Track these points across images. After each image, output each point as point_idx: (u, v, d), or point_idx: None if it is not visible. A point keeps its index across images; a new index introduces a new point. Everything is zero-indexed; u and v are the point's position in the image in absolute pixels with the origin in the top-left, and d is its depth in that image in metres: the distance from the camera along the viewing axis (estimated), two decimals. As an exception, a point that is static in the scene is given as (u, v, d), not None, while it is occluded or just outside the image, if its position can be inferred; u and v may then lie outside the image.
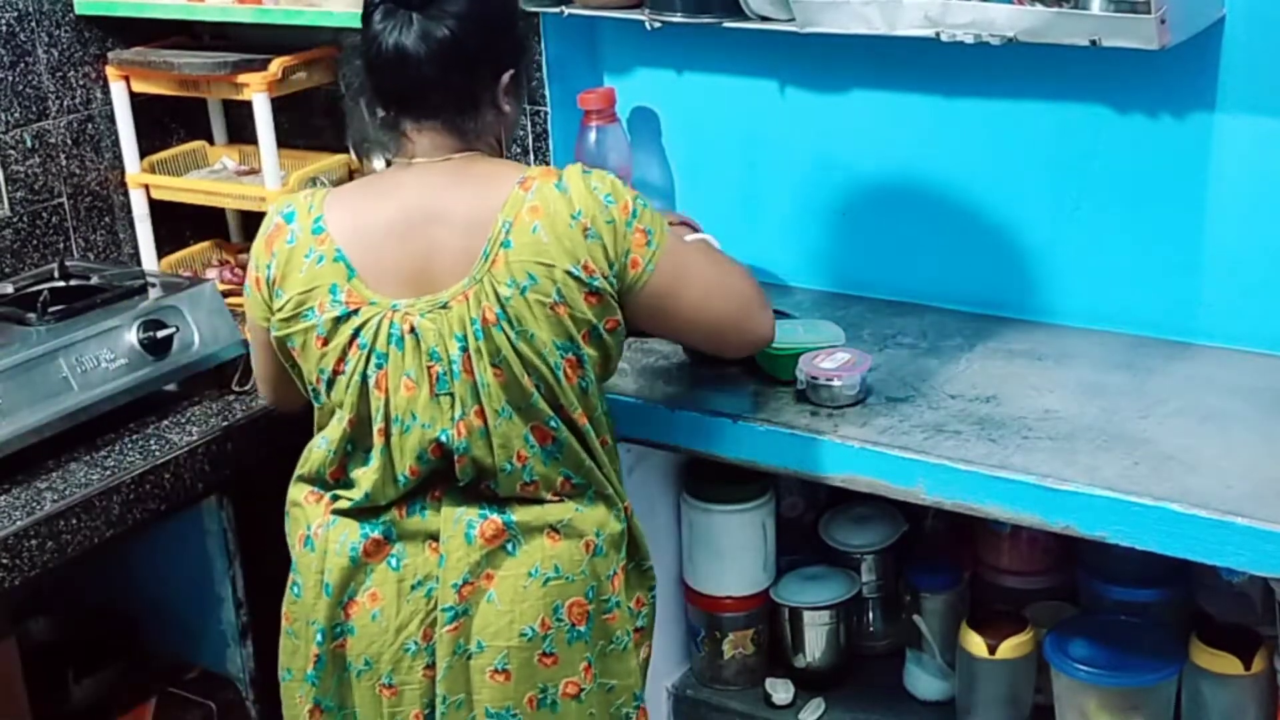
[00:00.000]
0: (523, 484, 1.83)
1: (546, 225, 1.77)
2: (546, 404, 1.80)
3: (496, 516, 1.83)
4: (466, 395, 1.78)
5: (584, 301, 1.79)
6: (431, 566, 1.84)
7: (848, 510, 2.43)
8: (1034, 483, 1.88)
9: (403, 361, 1.78)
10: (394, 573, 1.85)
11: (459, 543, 1.82)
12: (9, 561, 2.00)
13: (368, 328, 1.79)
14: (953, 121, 2.34)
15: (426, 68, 1.78)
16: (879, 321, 2.39)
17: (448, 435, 1.80)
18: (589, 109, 2.50)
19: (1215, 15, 2.08)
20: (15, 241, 2.70)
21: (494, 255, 1.77)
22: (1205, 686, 2.05)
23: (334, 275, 1.80)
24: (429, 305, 1.78)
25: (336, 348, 1.80)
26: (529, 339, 1.77)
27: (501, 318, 1.76)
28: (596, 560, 1.87)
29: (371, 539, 1.85)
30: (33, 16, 2.68)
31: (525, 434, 1.81)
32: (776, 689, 2.37)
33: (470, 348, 1.77)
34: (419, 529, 1.85)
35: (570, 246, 1.77)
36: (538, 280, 1.76)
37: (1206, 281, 2.22)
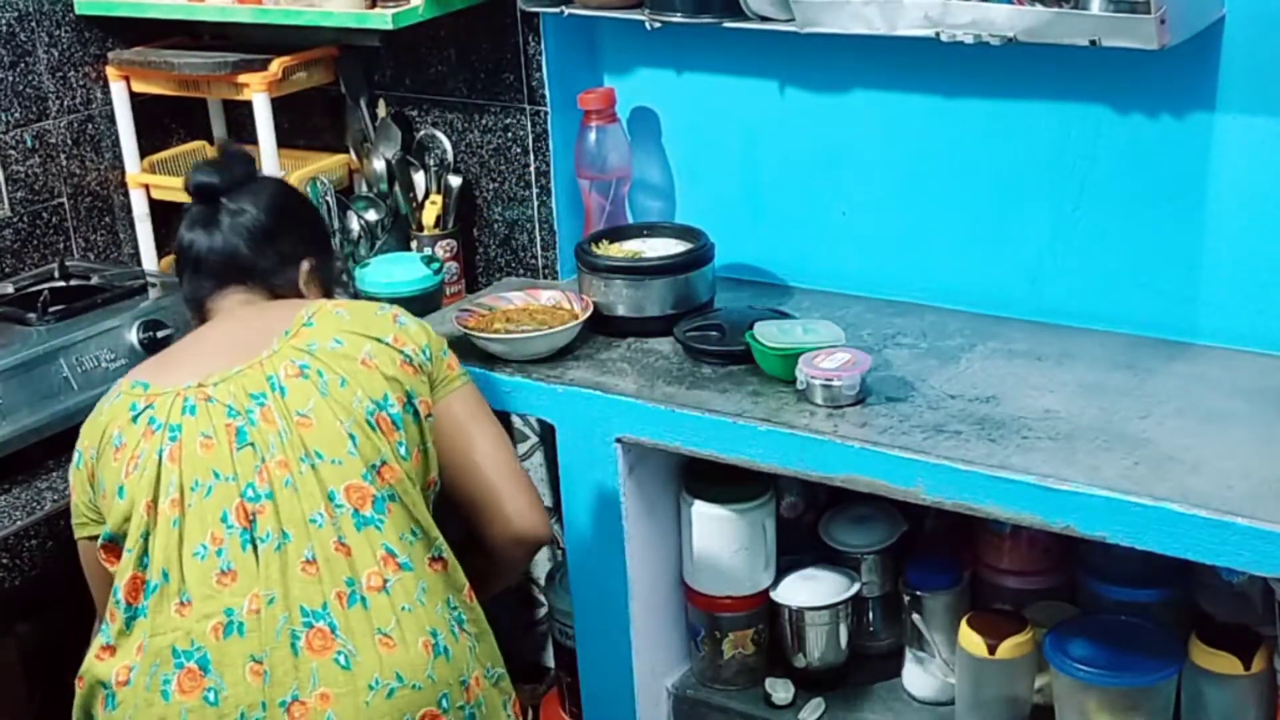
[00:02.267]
0: (335, 544, 1.71)
1: (351, 310, 1.87)
2: (361, 456, 1.75)
3: (323, 624, 1.68)
4: (268, 443, 1.74)
5: (399, 367, 1.83)
6: (255, 694, 1.66)
7: (848, 510, 2.43)
8: (1034, 483, 1.88)
9: (197, 424, 1.75)
10: (213, 707, 1.66)
11: (284, 654, 1.66)
12: (9, 561, 2.01)
13: (159, 409, 1.77)
14: (953, 121, 2.34)
15: (238, 246, 1.94)
16: (879, 321, 2.39)
17: (252, 488, 1.71)
18: (589, 109, 2.50)
19: (1215, 15, 2.07)
20: (15, 241, 2.70)
21: (295, 331, 1.82)
22: (1205, 686, 2.04)
23: (130, 397, 1.81)
24: (221, 376, 1.79)
25: (130, 445, 1.75)
26: (340, 383, 1.78)
27: (306, 367, 1.78)
28: (439, 662, 1.72)
29: (186, 670, 1.67)
30: (33, 16, 2.68)
31: (332, 490, 1.73)
32: (776, 689, 2.37)
33: (270, 401, 1.76)
34: (238, 652, 1.67)
35: (379, 325, 1.85)
36: (343, 343, 1.82)
37: (1206, 281, 2.21)
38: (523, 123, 2.64)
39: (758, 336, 2.21)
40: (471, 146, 2.72)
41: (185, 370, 1.82)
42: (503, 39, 2.61)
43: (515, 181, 2.69)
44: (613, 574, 2.29)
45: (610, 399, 2.20)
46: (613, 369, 2.29)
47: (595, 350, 2.36)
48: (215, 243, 1.94)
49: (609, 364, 2.31)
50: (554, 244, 2.68)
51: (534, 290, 2.46)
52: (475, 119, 2.70)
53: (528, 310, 2.41)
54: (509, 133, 2.67)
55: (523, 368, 2.29)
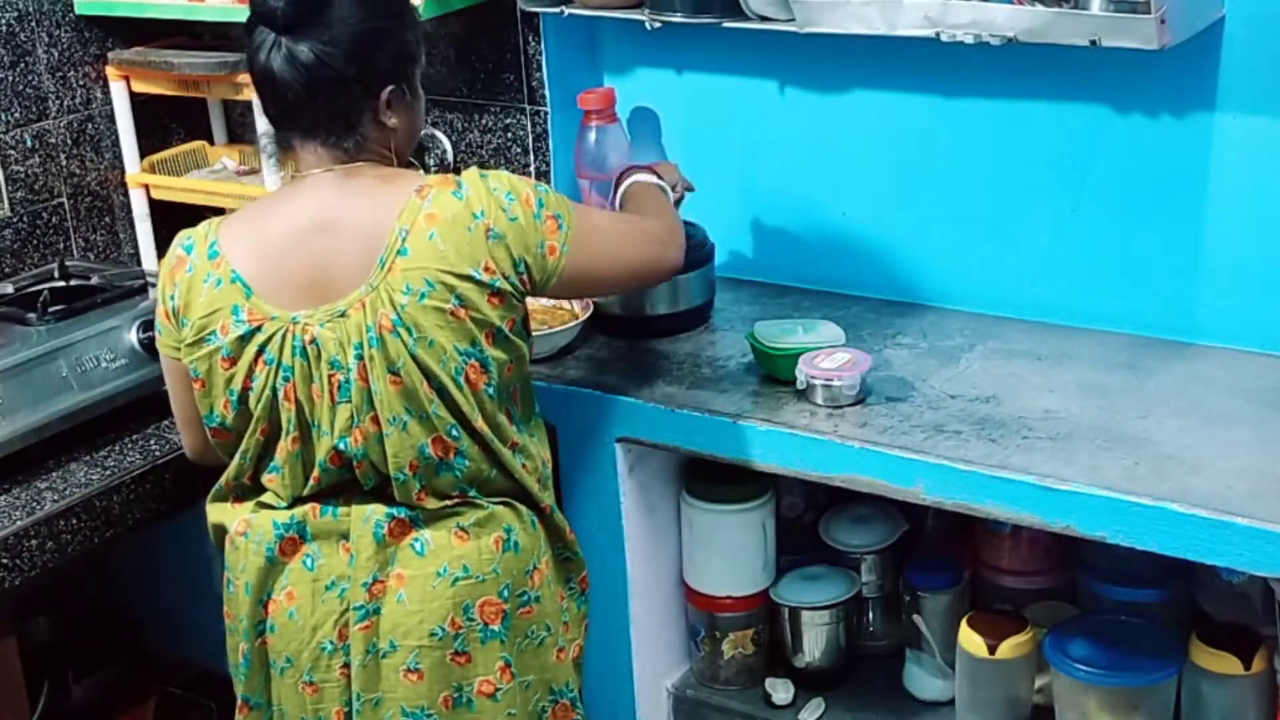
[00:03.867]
0: (417, 491, 1.83)
1: (444, 232, 1.77)
2: (448, 412, 1.80)
3: (404, 515, 1.83)
4: (362, 403, 1.78)
5: (486, 304, 1.79)
6: (343, 566, 1.84)
7: (848, 510, 2.43)
8: (1034, 483, 1.88)
9: (309, 371, 1.79)
10: (309, 572, 1.86)
11: (368, 541, 1.82)
12: (9, 561, 2.00)
13: (272, 343, 1.79)
14: (953, 121, 2.34)
15: (294, 90, 1.78)
16: (879, 321, 2.39)
17: (346, 443, 1.80)
18: (589, 109, 2.50)
19: (1215, 15, 2.08)
20: (15, 241, 2.70)
21: (390, 263, 1.77)
22: (1205, 686, 2.05)
23: (234, 296, 1.80)
24: (327, 315, 1.78)
25: (244, 366, 1.81)
26: (428, 345, 1.77)
27: (398, 324, 1.76)
28: (508, 556, 1.86)
29: (287, 538, 1.86)
30: (33, 16, 2.68)
31: (421, 444, 1.80)
32: (776, 689, 2.37)
33: (365, 355, 1.77)
34: (331, 529, 1.85)
35: (470, 251, 1.77)
36: (435, 287, 1.76)
37: (1206, 281, 2.22)
38: (523, 123, 2.64)
39: (758, 336, 2.21)
40: (471, 146, 2.72)
41: (287, 284, 1.79)
42: (503, 39, 2.61)
43: (515, 181, 2.69)
44: (613, 574, 2.29)
45: (610, 399, 2.20)
46: (613, 369, 2.29)
47: (595, 350, 2.36)
48: (283, 84, 1.78)
49: (609, 364, 2.31)
50: (554, 244, 2.68)
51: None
52: (475, 119, 2.70)
53: (552, 310, 2.40)
54: (509, 133, 2.67)
55: (523, 368, 2.29)
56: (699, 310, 2.42)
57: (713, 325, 2.43)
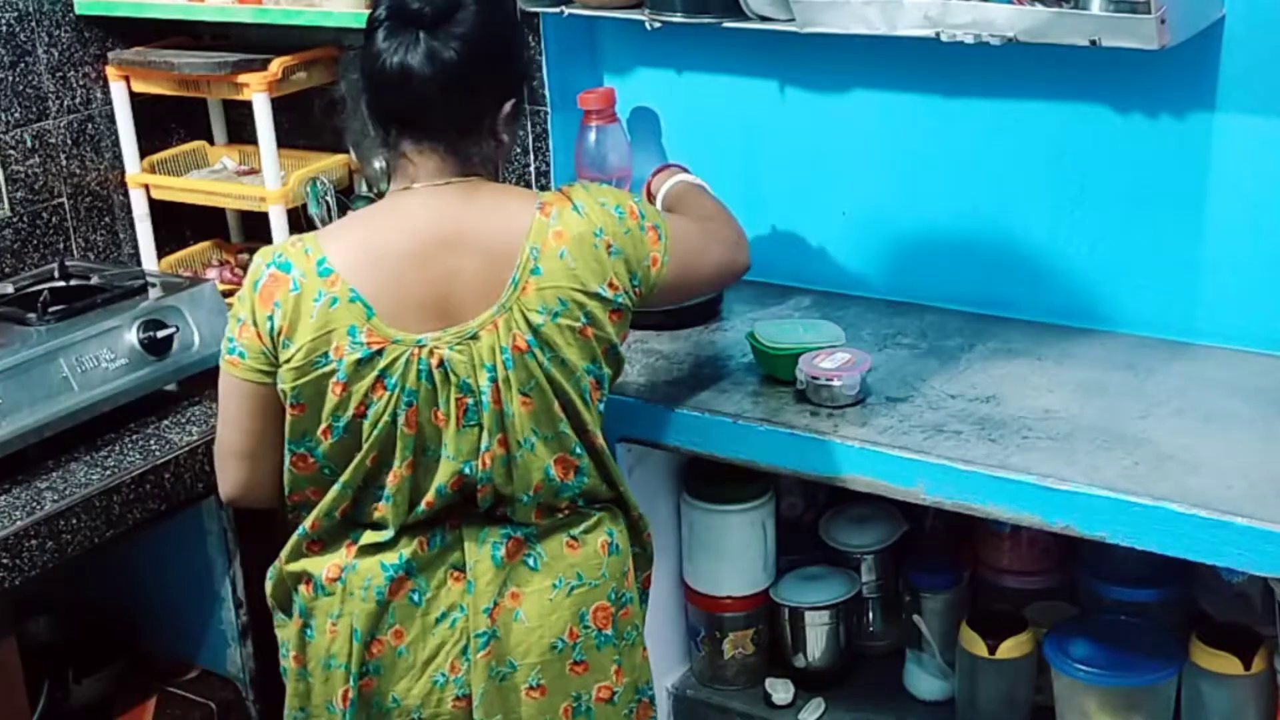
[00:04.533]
0: (535, 510, 1.84)
1: (573, 250, 1.77)
2: (573, 430, 1.81)
3: (520, 534, 1.83)
4: (493, 425, 1.77)
5: (608, 321, 1.80)
6: (456, 596, 1.82)
7: (848, 510, 2.43)
8: (1034, 483, 1.88)
9: (434, 396, 1.76)
10: (417, 608, 1.82)
11: (487, 565, 1.82)
12: (9, 561, 2.00)
13: (394, 367, 1.74)
14: (953, 121, 2.34)
15: (431, 88, 1.73)
16: (879, 321, 2.39)
17: (471, 467, 1.78)
18: (589, 109, 2.50)
19: (1215, 15, 2.08)
20: (15, 241, 2.70)
21: (524, 282, 1.75)
22: (1205, 686, 2.05)
23: (351, 317, 1.73)
24: (456, 337, 1.75)
25: (359, 391, 1.74)
26: (561, 364, 1.77)
27: (534, 344, 1.75)
28: (613, 560, 1.89)
29: (397, 579, 1.81)
30: (33, 16, 2.68)
31: (547, 465, 1.81)
32: (776, 689, 2.37)
33: (499, 377, 1.75)
34: (439, 560, 1.83)
35: (599, 268, 1.78)
36: (568, 305, 1.76)
37: (1206, 281, 2.22)
38: (523, 123, 2.63)
39: (758, 336, 2.21)
40: (471, 146, 2.72)
41: (411, 305, 1.74)
42: (503, 39, 2.60)
43: (515, 181, 2.69)
44: (613, 574, 2.29)
45: (611, 399, 2.19)
46: (613, 369, 2.29)
47: (595, 350, 2.36)
48: (414, 87, 1.74)
49: (609, 364, 2.31)
50: (554, 244, 2.68)
51: None
52: (475, 119, 2.70)
53: None
54: (509, 133, 2.67)
55: (523, 368, 2.29)
56: (710, 304, 2.44)
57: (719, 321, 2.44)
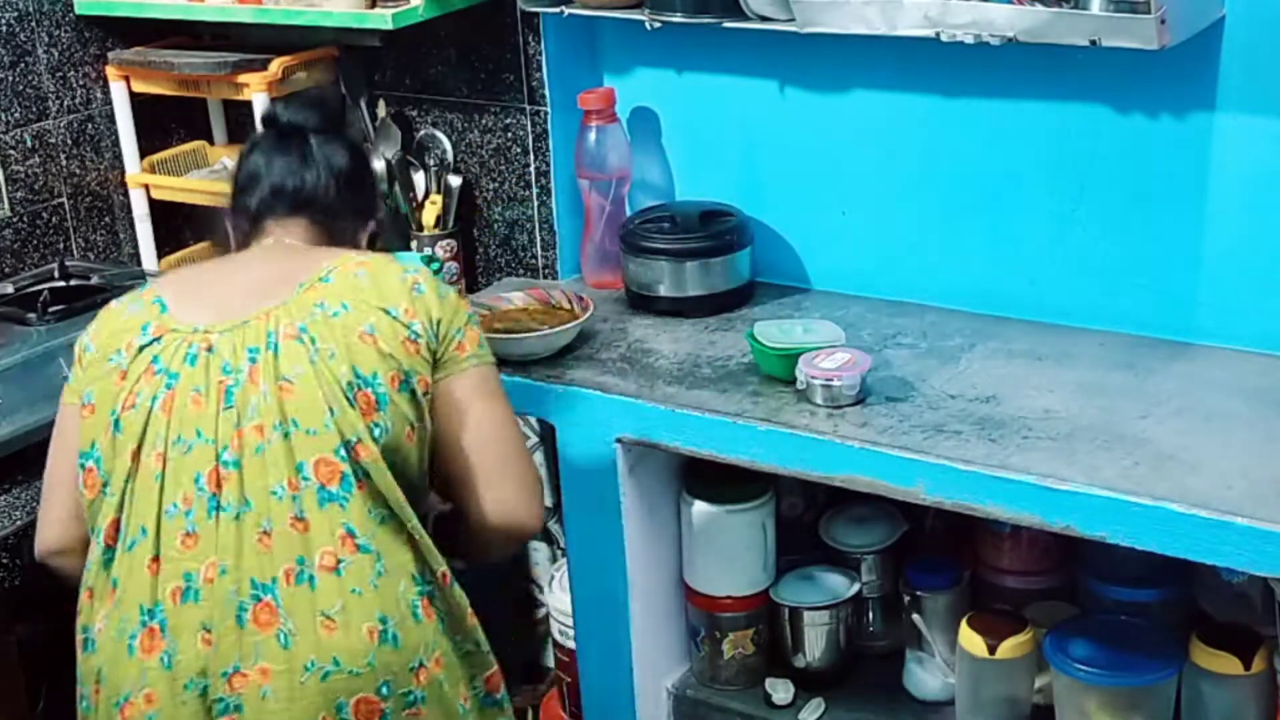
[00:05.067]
0: (293, 518, 1.68)
1: (371, 274, 1.80)
2: (337, 429, 1.70)
3: (269, 599, 1.68)
4: (247, 407, 1.71)
5: (400, 344, 1.76)
6: (205, 660, 1.68)
7: (848, 510, 2.43)
8: (1034, 483, 1.88)
9: (193, 377, 1.74)
10: (166, 671, 1.68)
11: (230, 626, 1.67)
12: (9, 561, 2.01)
13: (166, 351, 1.76)
14: (953, 121, 2.34)
15: (325, 188, 1.91)
16: (879, 321, 2.39)
17: (228, 450, 1.70)
18: (589, 109, 2.51)
19: (1215, 15, 2.07)
20: (15, 241, 2.70)
21: (310, 285, 1.78)
22: (1205, 686, 2.04)
23: (146, 315, 1.80)
24: (229, 326, 1.76)
25: (133, 377, 1.75)
26: (329, 356, 1.72)
27: (303, 330, 1.74)
28: (385, 650, 1.69)
29: (148, 629, 1.70)
30: (33, 16, 2.68)
31: (301, 462, 1.70)
32: (776, 689, 2.37)
33: (261, 359, 1.73)
34: (191, 618, 1.68)
35: (393, 293, 1.78)
36: (350, 309, 1.76)
37: (1206, 281, 2.21)
38: (523, 123, 2.64)
39: (758, 336, 2.21)
40: (471, 146, 2.72)
41: (206, 304, 1.80)
42: (503, 39, 2.61)
43: (515, 181, 2.69)
44: (613, 574, 2.29)
45: (610, 399, 2.20)
46: (613, 369, 2.29)
47: (595, 350, 2.36)
48: (307, 176, 1.91)
49: (609, 364, 2.31)
50: (554, 244, 2.68)
51: (534, 290, 2.47)
52: (475, 119, 2.70)
53: (528, 310, 2.41)
54: (509, 133, 2.67)
55: (523, 367, 2.29)
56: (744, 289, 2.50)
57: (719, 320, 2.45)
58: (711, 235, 2.45)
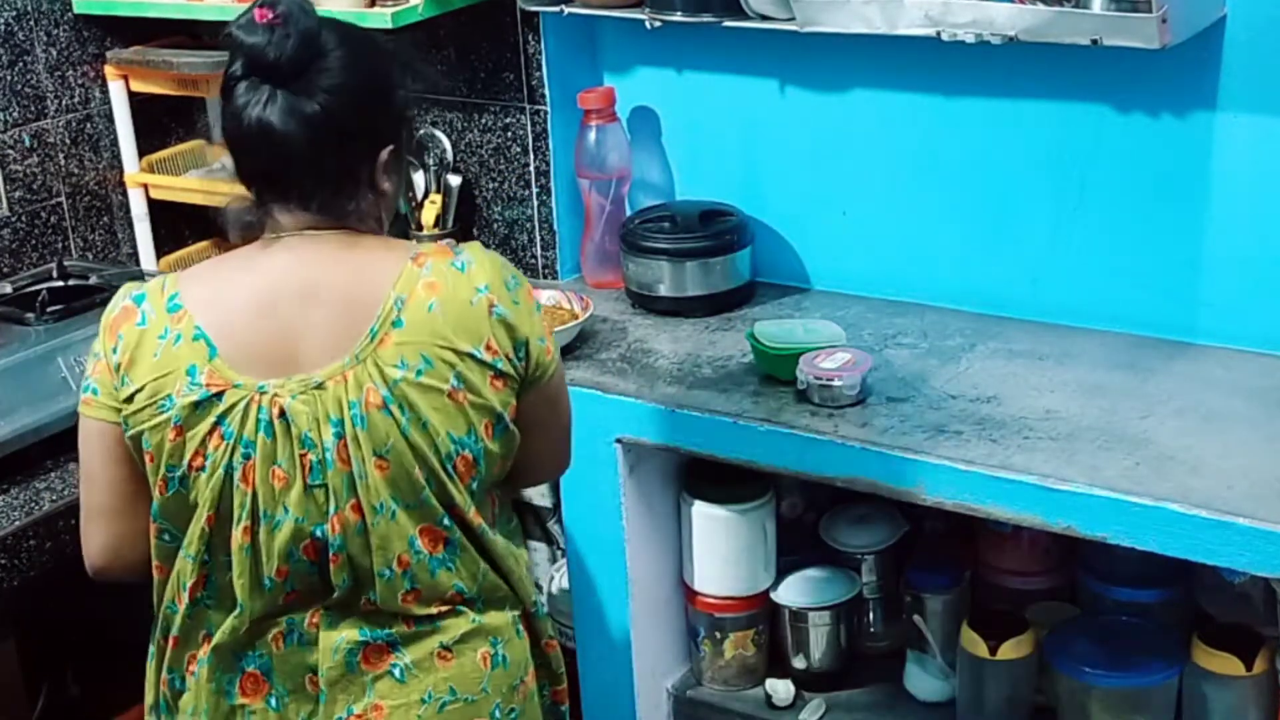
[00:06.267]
0: (404, 594, 1.63)
1: (444, 303, 1.59)
2: (438, 502, 1.62)
3: (381, 639, 1.64)
4: (341, 487, 1.58)
5: (489, 386, 1.61)
6: (314, 704, 1.65)
7: (848, 510, 2.43)
8: (1035, 483, 1.88)
9: (273, 450, 1.58)
10: (274, 713, 1.66)
11: (340, 672, 1.63)
12: (9, 561, 2.00)
13: (233, 414, 1.57)
14: (953, 121, 2.34)
15: (294, 145, 1.57)
16: (879, 321, 2.39)
17: (323, 530, 1.59)
18: (589, 109, 2.50)
19: (1216, 14, 2.07)
20: (14, 241, 2.70)
21: (382, 334, 1.58)
22: (1207, 687, 2.04)
23: (192, 356, 1.58)
24: (301, 386, 1.58)
25: (195, 437, 1.58)
26: (422, 427, 1.58)
27: (390, 401, 1.57)
28: (497, 673, 1.69)
29: (249, 675, 1.66)
30: (31, 16, 2.68)
31: (411, 536, 1.61)
32: (777, 689, 2.37)
33: (347, 434, 1.57)
34: (298, 663, 1.65)
35: (472, 325, 1.60)
36: (433, 364, 1.58)
37: (1207, 281, 2.21)
38: (522, 122, 2.64)
39: (758, 336, 2.21)
40: (471, 146, 2.72)
41: (258, 350, 1.59)
42: (503, 38, 2.60)
43: (515, 181, 2.69)
44: (613, 574, 2.29)
45: (610, 399, 2.19)
46: (613, 369, 2.29)
47: (595, 350, 2.36)
48: (276, 145, 1.58)
49: (609, 364, 2.31)
50: (554, 244, 2.68)
51: (534, 290, 2.45)
52: (475, 118, 2.70)
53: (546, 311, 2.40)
54: (509, 132, 2.67)
55: (522, 368, 2.29)
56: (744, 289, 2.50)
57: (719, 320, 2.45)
58: (711, 235, 2.45)
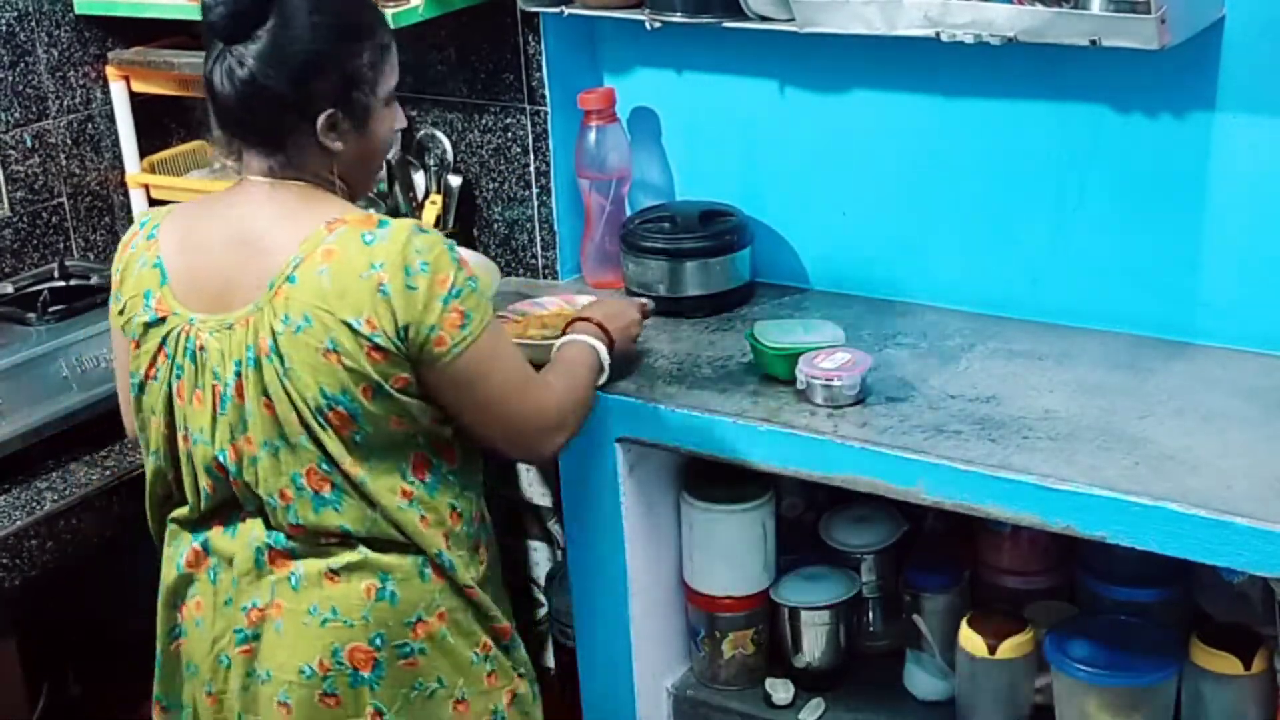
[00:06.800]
0: (290, 525, 1.80)
1: (334, 271, 1.72)
2: (314, 447, 1.76)
3: (282, 546, 1.81)
4: (238, 421, 1.77)
5: (365, 356, 1.72)
6: (231, 588, 1.85)
7: (848, 510, 2.43)
8: (1034, 483, 1.88)
9: (195, 377, 1.79)
10: (211, 585, 1.87)
11: (249, 567, 1.83)
12: (9, 561, 2.01)
13: (170, 337, 1.80)
14: (953, 121, 2.34)
15: (230, 101, 1.76)
16: (879, 321, 2.39)
17: (224, 456, 1.79)
18: (589, 109, 2.51)
19: (1215, 15, 2.07)
20: (15, 241, 2.70)
21: (278, 287, 1.73)
22: (1205, 687, 2.04)
23: (151, 281, 1.82)
24: (218, 324, 1.77)
25: (148, 353, 1.82)
26: (297, 375, 1.73)
27: (273, 350, 1.73)
28: (382, 606, 1.81)
29: (193, 549, 1.87)
30: (32, 16, 2.68)
31: (294, 474, 1.77)
32: (776, 689, 2.37)
33: (243, 373, 1.75)
34: (226, 547, 1.85)
35: (354, 299, 1.71)
36: (311, 323, 1.72)
37: (1206, 281, 2.21)
38: (523, 123, 2.64)
39: (758, 336, 2.21)
40: (471, 146, 2.72)
41: (197, 285, 1.79)
42: (503, 39, 2.61)
43: (515, 181, 2.69)
44: (613, 574, 2.29)
45: (610, 399, 2.19)
46: (612, 369, 2.28)
47: (595, 350, 2.36)
48: (220, 95, 1.76)
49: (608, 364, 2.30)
50: (554, 244, 2.68)
51: (569, 296, 2.45)
52: (475, 119, 2.70)
53: (562, 315, 2.37)
54: (509, 132, 2.67)
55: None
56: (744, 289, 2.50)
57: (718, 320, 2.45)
58: (711, 235, 2.45)
